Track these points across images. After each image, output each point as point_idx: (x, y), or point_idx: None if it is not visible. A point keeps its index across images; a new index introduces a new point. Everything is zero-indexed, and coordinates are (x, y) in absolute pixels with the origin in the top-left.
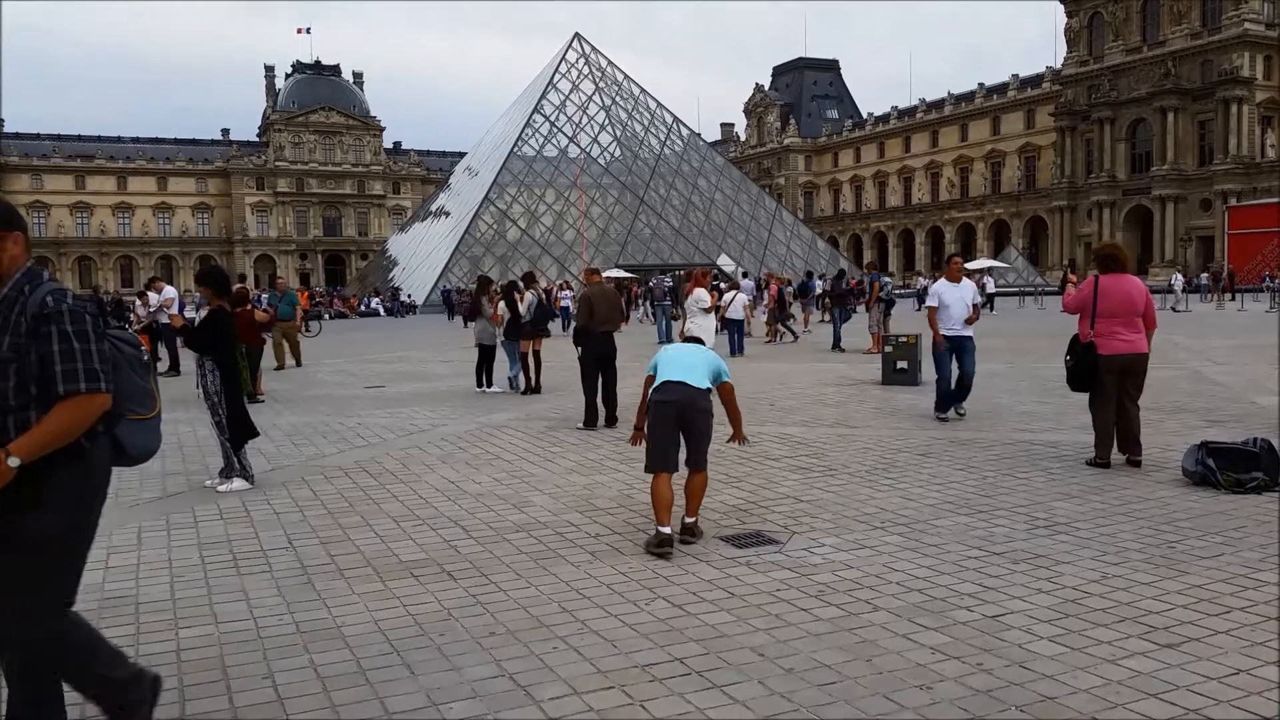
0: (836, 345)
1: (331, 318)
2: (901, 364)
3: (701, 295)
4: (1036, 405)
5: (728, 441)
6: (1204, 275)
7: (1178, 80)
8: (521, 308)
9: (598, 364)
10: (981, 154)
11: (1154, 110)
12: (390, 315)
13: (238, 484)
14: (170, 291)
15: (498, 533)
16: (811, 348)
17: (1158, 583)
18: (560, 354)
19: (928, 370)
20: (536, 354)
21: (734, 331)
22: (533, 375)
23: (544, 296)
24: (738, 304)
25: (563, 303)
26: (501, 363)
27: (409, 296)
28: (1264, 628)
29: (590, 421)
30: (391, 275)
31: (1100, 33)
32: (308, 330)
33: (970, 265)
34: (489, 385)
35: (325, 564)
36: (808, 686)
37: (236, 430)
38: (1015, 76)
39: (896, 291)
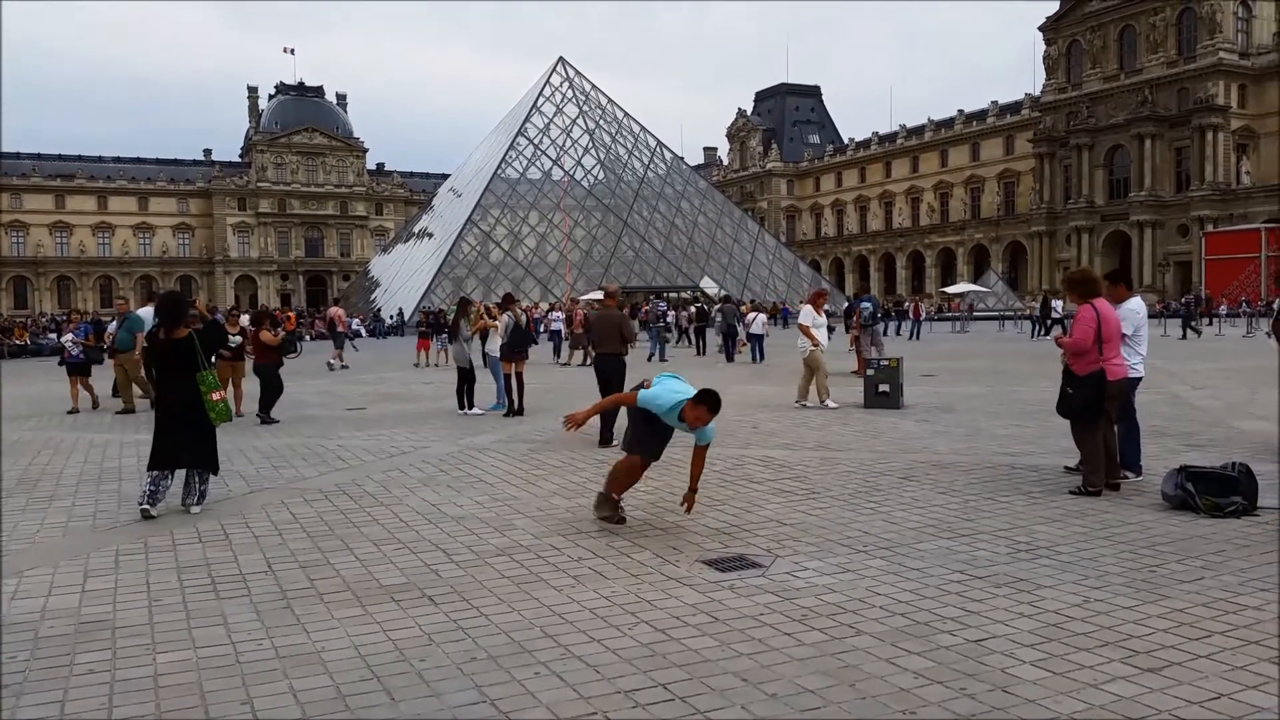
0: None
1: (313, 339)
2: (884, 387)
3: (807, 312)
4: (1017, 429)
5: (680, 503)
6: (1185, 298)
7: (1154, 108)
8: (499, 329)
9: (601, 383)
10: (961, 179)
11: (1131, 137)
12: (372, 336)
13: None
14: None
15: (479, 556)
16: (792, 371)
17: (1139, 607)
18: (543, 376)
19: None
20: (519, 376)
21: (755, 344)
22: (515, 397)
23: (522, 319)
24: (759, 321)
25: (553, 325)
26: (481, 386)
27: (392, 317)
28: (1244, 651)
29: (608, 439)
30: (374, 296)
31: (1078, 60)
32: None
33: (950, 290)
34: (470, 407)
35: (305, 588)
36: (791, 711)
37: (153, 450)
38: (994, 103)
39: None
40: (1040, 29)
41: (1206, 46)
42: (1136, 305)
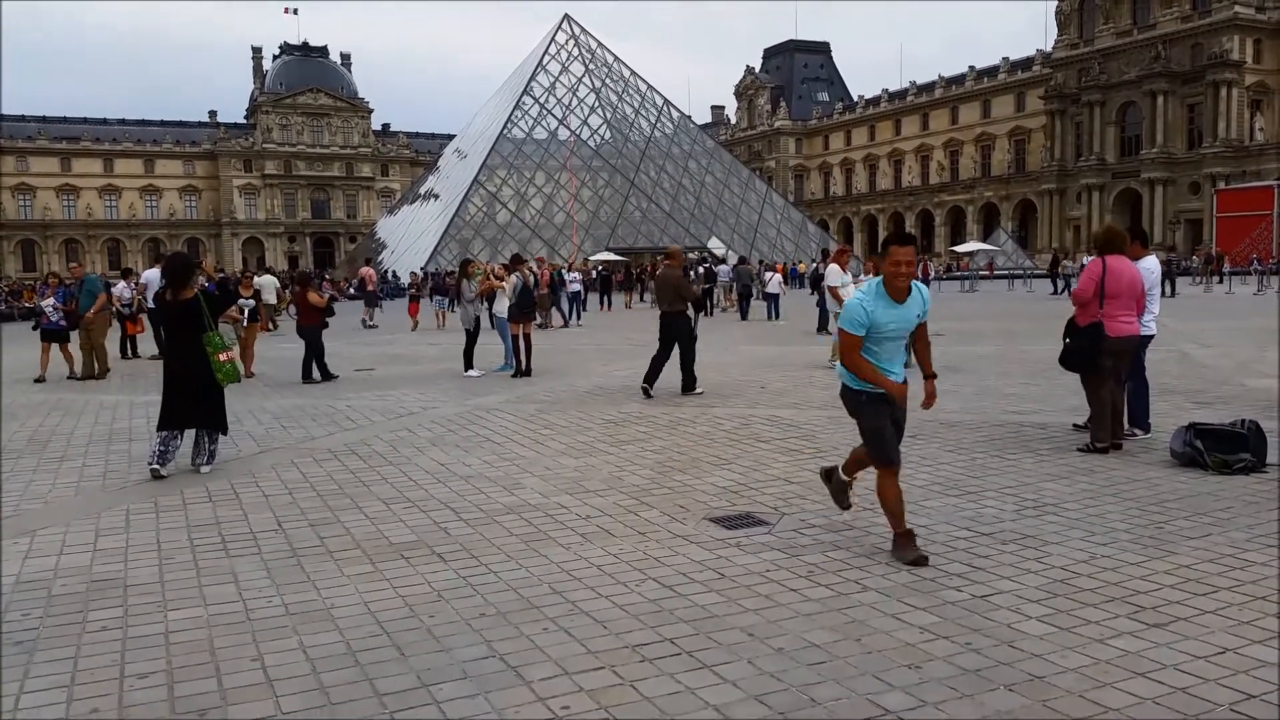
0: (823, 328)
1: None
2: None
3: (834, 271)
4: (1024, 387)
5: (923, 404)
6: (1194, 257)
7: (1168, 63)
8: (507, 290)
9: (664, 340)
10: (971, 137)
11: (1144, 93)
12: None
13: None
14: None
15: (488, 515)
16: (801, 331)
17: (1145, 563)
18: (551, 339)
19: None
20: (527, 337)
21: (772, 303)
22: (523, 358)
23: (530, 280)
24: (775, 281)
25: (572, 286)
26: (482, 346)
27: (393, 275)
28: (1250, 607)
29: (649, 381)
30: (380, 258)
31: (1091, 16)
32: (274, 327)
33: (960, 248)
34: (469, 369)
35: (315, 546)
36: (797, 666)
37: (162, 411)
38: (1006, 59)
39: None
40: None
41: (1222, 0)
42: (1151, 264)
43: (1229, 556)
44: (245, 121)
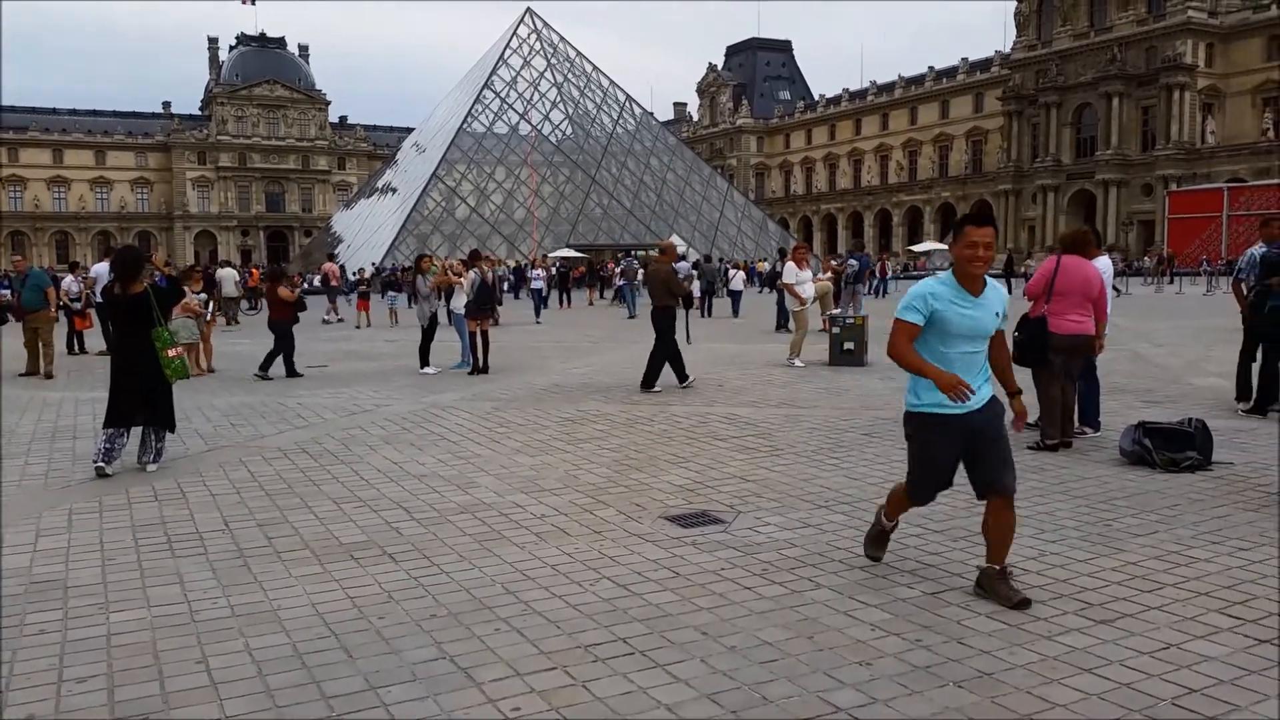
0: (781, 325)
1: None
2: (848, 345)
3: (790, 269)
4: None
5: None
6: (1145, 259)
7: (1123, 66)
8: (465, 286)
9: (659, 333)
10: (930, 137)
11: (1099, 96)
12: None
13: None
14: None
15: (441, 514)
16: (760, 329)
17: (1093, 560)
18: (509, 335)
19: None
20: (484, 334)
21: (735, 300)
22: (480, 355)
23: (489, 276)
24: (738, 278)
25: (534, 283)
26: (439, 343)
27: (355, 273)
28: (1194, 603)
29: (646, 383)
30: (336, 252)
31: (1049, 18)
32: (236, 322)
33: (916, 248)
34: (424, 366)
35: (262, 546)
36: (750, 664)
37: (109, 408)
38: (965, 60)
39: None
40: None
41: (1176, 5)
42: (1104, 264)
43: (1174, 554)
44: (200, 113)
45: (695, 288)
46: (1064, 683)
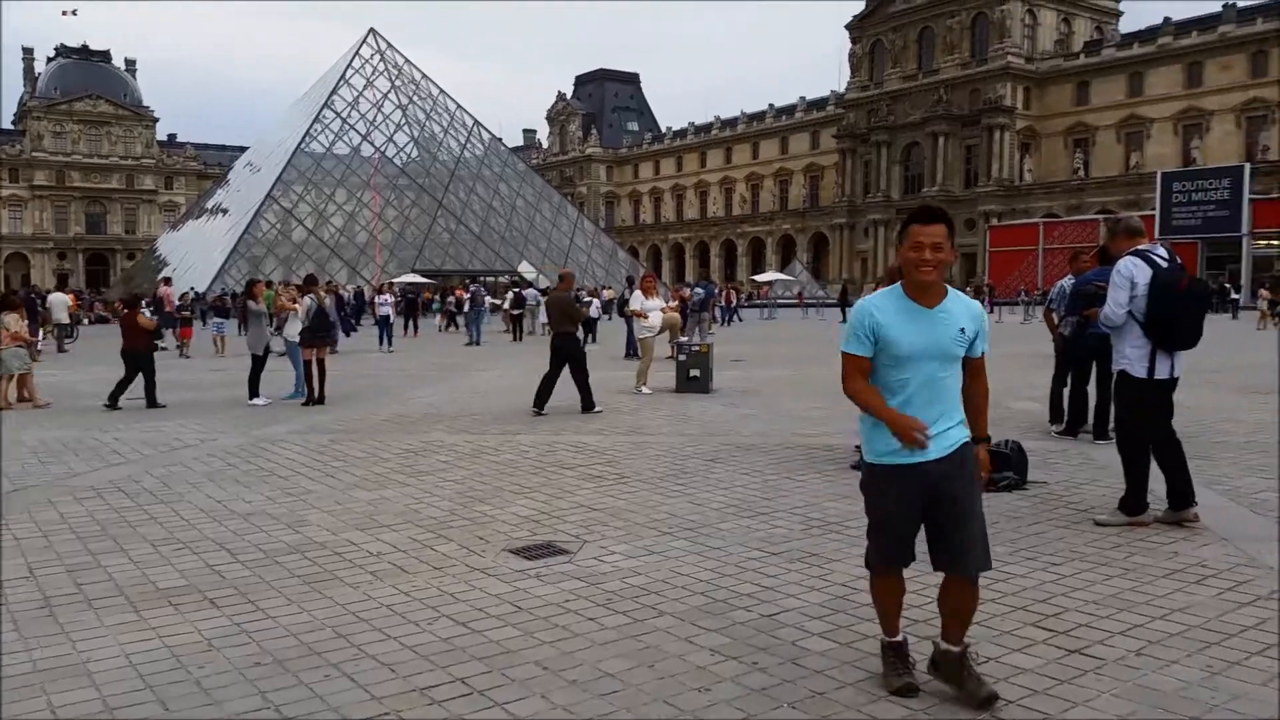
0: (630, 353)
1: (91, 323)
2: (695, 372)
3: (637, 297)
4: (815, 410)
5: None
6: (967, 289)
7: (949, 107)
8: (299, 312)
9: (554, 361)
10: (771, 171)
11: (926, 135)
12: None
13: None
14: None
15: (268, 555)
16: (608, 356)
17: (917, 577)
18: (350, 363)
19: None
20: (320, 363)
21: (589, 328)
22: (315, 385)
23: (326, 301)
24: (595, 305)
25: (381, 309)
26: (270, 372)
27: (180, 298)
28: (1011, 617)
29: (540, 403)
30: (161, 276)
31: (881, 60)
32: (65, 350)
33: (759, 278)
34: (254, 396)
35: (71, 594)
36: (591, 697)
37: None
38: (803, 99)
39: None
40: (847, 27)
41: (997, 50)
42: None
43: (993, 570)
44: (13, 128)
45: (594, 309)
46: (889, 700)
